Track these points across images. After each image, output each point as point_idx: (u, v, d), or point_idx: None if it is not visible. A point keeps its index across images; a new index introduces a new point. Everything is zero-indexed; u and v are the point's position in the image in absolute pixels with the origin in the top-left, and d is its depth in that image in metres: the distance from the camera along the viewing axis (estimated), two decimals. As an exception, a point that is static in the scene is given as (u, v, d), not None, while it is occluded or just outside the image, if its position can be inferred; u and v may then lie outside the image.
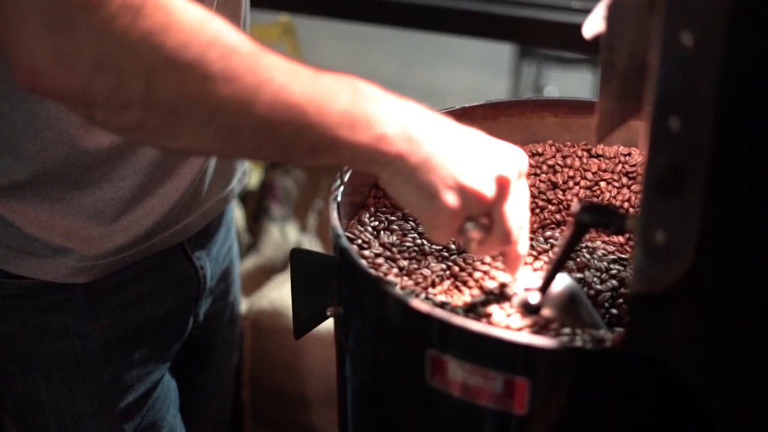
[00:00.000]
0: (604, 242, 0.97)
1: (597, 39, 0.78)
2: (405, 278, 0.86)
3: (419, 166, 0.76)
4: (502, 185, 0.79)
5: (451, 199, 0.77)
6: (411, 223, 0.96)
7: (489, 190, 0.78)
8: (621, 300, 0.85)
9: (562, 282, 0.83)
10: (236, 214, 1.72)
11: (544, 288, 0.78)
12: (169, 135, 0.71)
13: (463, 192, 0.77)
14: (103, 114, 0.69)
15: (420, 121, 0.77)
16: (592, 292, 0.85)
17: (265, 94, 0.71)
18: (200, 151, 0.74)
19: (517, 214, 0.81)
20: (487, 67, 4.18)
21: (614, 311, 0.84)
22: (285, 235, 1.97)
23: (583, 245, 0.94)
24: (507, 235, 0.80)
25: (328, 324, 0.95)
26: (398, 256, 0.90)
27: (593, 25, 0.79)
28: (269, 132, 0.72)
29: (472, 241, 0.80)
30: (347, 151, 0.75)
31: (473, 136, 0.80)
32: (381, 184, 0.80)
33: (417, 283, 0.86)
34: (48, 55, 0.65)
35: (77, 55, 0.65)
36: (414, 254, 0.91)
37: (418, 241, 0.92)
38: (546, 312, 0.80)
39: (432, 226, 0.79)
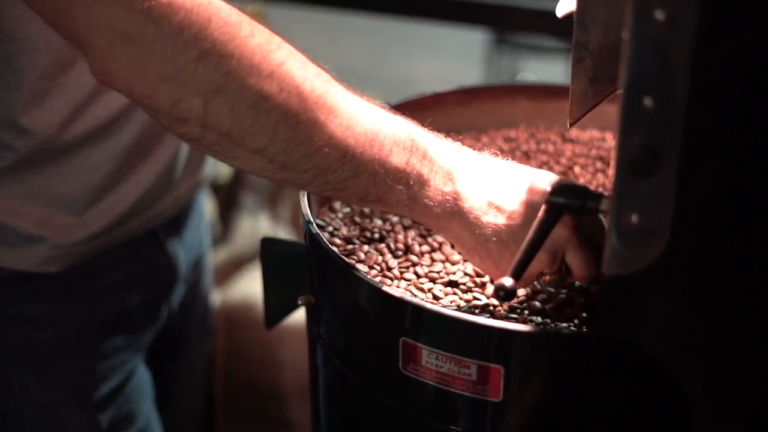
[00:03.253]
0: None
1: (571, 23, 0.77)
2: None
3: (473, 235, 0.78)
4: (567, 240, 0.78)
5: (499, 268, 0.79)
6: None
7: (547, 251, 0.78)
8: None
9: None
10: (208, 205, 1.71)
11: (517, 273, 0.77)
12: (224, 155, 0.74)
13: (509, 259, 0.77)
14: (165, 121, 0.72)
15: (471, 178, 0.78)
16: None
17: (318, 137, 0.72)
18: (252, 173, 0.77)
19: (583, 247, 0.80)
20: (461, 56, 4.17)
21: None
22: (257, 225, 1.95)
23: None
24: (585, 269, 0.79)
25: (303, 316, 0.93)
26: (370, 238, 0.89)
27: (565, 4, 0.78)
28: (319, 174, 0.74)
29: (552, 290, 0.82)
30: (395, 206, 0.78)
31: (524, 180, 0.79)
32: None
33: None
34: (122, 60, 0.68)
35: (146, 65, 0.68)
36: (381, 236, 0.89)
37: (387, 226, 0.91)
38: None
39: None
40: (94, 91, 0.92)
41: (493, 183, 0.79)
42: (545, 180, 0.80)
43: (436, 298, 0.82)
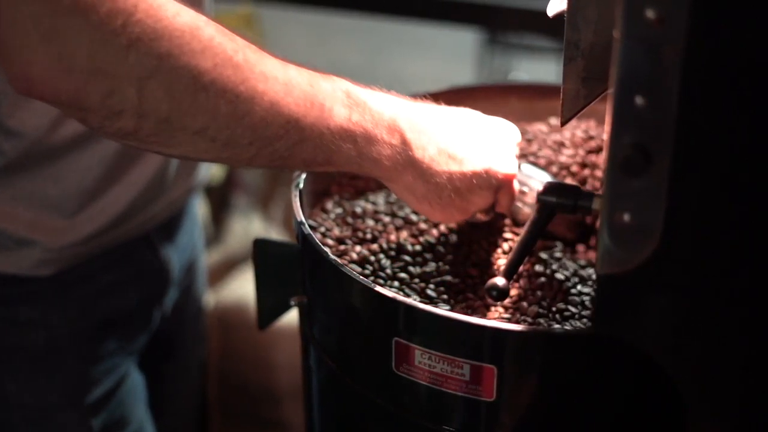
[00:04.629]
0: None
1: (563, 23, 0.77)
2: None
3: (420, 178, 0.79)
4: (507, 183, 0.83)
5: (456, 210, 0.82)
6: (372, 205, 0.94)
7: (491, 196, 0.82)
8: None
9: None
10: (201, 207, 1.71)
11: (509, 274, 0.77)
12: (164, 143, 0.71)
13: (468, 202, 0.82)
14: (96, 120, 0.68)
15: (412, 121, 0.79)
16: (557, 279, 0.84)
17: (259, 107, 0.71)
18: (196, 158, 0.76)
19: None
20: (452, 56, 4.17)
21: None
22: (250, 226, 1.95)
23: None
24: (510, 206, 0.87)
25: (295, 317, 0.93)
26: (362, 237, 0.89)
27: (556, 3, 0.78)
28: (264, 145, 0.72)
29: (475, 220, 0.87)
30: (344, 165, 0.76)
31: (468, 125, 0.82)
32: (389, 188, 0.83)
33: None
34: (43, 61, 0.64)
35: (71, 61, 0.64)
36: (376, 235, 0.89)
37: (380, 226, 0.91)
38: None
39: (444, 221, 0.86)
40: None
41: (441, 130, 0.80)
42: (492, 123, 0.84)
43: (428, 298, 0.81)
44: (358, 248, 0.87)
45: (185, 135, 0.70)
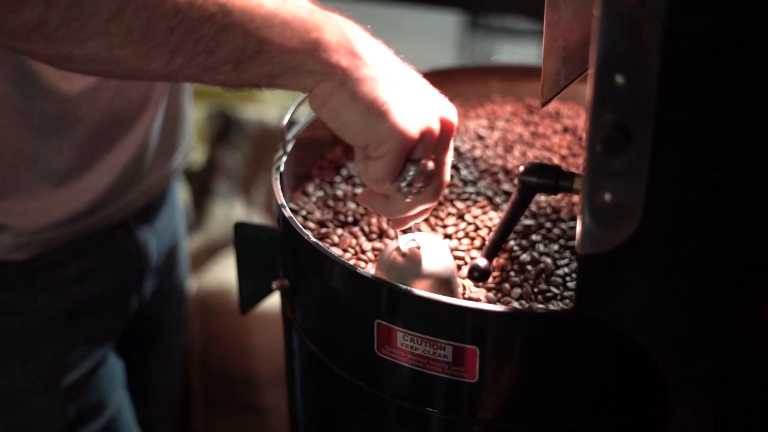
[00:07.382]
0: None
1: (543, 3, 0.77)
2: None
3: (367, 82, 0.70)
4: (449, 129, 0.73)
5: (404, 120, 0.70)
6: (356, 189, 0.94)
7: (437, 128, 0.72)
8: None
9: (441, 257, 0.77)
10: (182, 192, 1.70)
11: (491, 254, 0.77)
12: (73, 37, 0.64)
13: (416, 117, 0.70)
14: None
15: (363, 37, 0.72)
16: (542, 265, 0.84)
17: None
18: (108, 58, 0.66)
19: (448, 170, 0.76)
20: (434, 40, 4.17)
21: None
22: (231, 211, 1.94)
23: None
24: (441, 188, 0.75)
25: (277, 301, 0.93)
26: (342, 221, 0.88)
27: (536, -17, 0.78)
28: (187, 32, 0.66)
29: (412, 188, 0.71)
30: (277, 56, 0.69)
31: (412, 72, 0.75)
32: (315, 104, 0.71)
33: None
34: None
35: None
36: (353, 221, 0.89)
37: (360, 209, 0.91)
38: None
39: (377, 155, 0.71)
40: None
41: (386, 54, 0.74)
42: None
43: None
44: (339, 231, 0.87)
45: (98, 23, 0.63)
